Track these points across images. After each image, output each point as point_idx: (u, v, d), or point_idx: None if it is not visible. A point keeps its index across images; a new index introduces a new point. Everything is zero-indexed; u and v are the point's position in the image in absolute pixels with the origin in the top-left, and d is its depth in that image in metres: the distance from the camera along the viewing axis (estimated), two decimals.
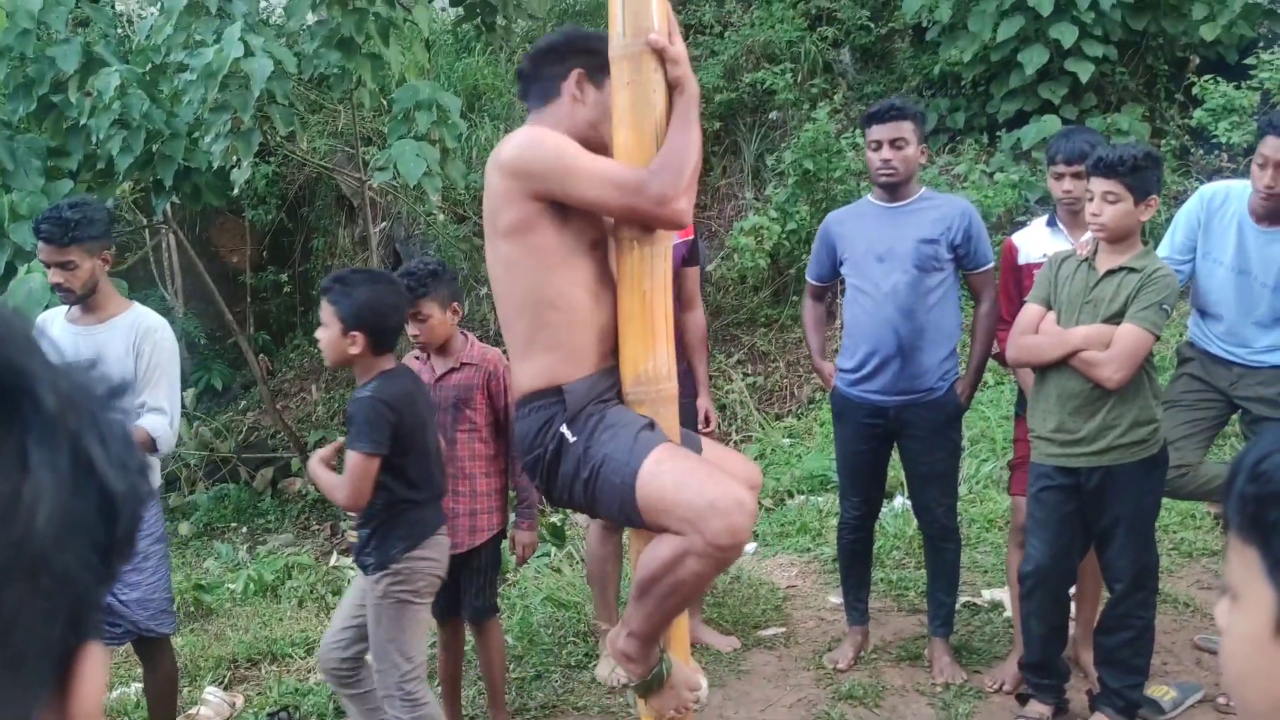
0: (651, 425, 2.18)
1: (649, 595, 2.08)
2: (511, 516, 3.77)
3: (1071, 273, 3.31)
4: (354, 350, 2.95)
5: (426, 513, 3.09)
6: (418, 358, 3.63)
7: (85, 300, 3.37)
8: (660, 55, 2.14)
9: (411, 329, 3.49)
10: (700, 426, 3.83)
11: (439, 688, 3.76)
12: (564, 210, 2.17)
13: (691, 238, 3.91)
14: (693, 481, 2.03)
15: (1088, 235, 3.36)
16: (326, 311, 2.98)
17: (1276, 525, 0.76)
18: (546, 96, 2.31)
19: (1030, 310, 3.38)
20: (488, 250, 2.29)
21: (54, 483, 0.48)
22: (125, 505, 0.57)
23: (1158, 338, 3.21)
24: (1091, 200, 3.19)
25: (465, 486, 3.54)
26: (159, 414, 3.33)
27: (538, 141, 2.17)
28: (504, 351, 2.99)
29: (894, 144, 3.66)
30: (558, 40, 2.36)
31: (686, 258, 3.91)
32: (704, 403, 4.00)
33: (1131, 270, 3.19)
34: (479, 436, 3.56)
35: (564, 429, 2.17)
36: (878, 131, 3.68)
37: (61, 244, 3.25)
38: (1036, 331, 3.33)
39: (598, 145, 2.24)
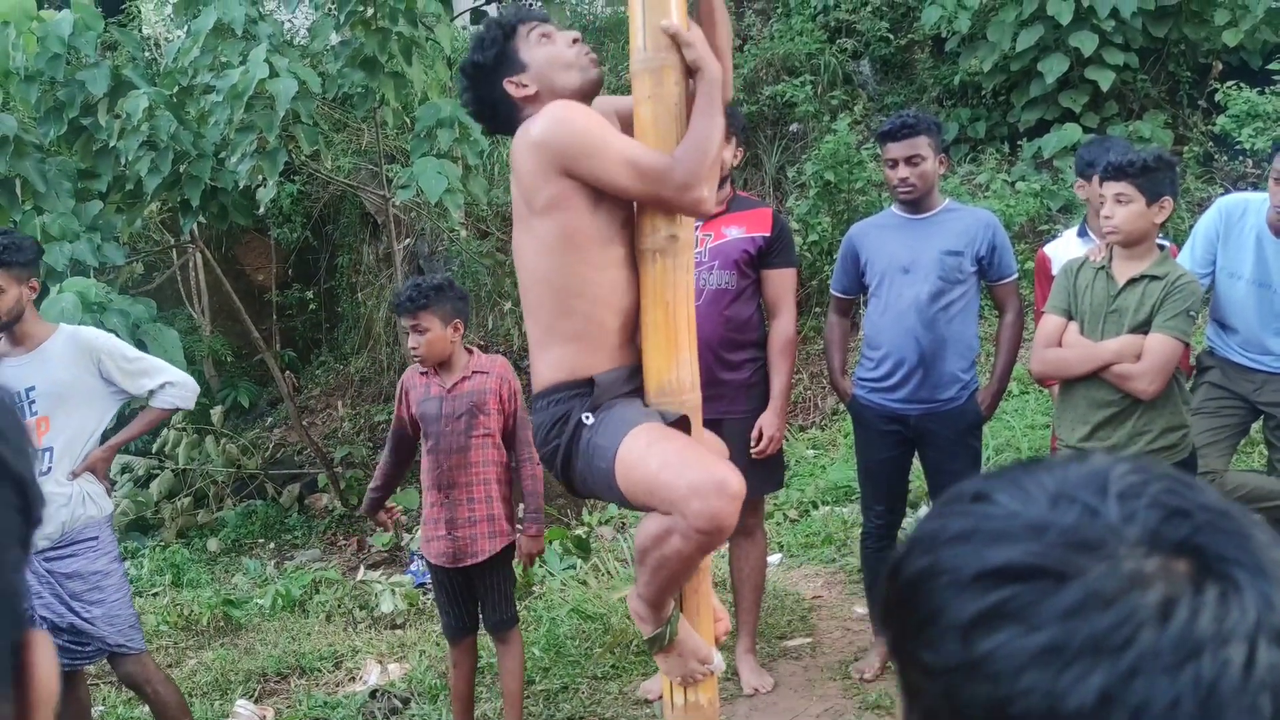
0: (650, 416, 2.16)
1: (644, 564, 2.09)
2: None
3: (1090, 281, 3.28)
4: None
5: None
6: (423, 373, 3.64)
7: (10, 329, 3.44)
8: (675, 40, 2.15)
9: (411, 341, 3.52)
10: (751, 444, 3.68)
11: (451, 706, 3.77)
12: (597, 190, 2.15)
13: (767, 234, 3.71)
14: (675, 462, 2.01)
15: (1101, 241, 3.35)
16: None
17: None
18: (511, 117, 2.29)
19: (1051, 321, 3.35)
20: (517, 234, 2.27)
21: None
22: (33, 486, 0.54)
23: (1187, 345, 3.19)
24: (1104, 204, 3.19)
25: (481, 492, 3.56)
26: (166, 388, 3.58)
27: (567, 119, 2.15)
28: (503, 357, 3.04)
29: (910, 161, 3.61)
30: (464, 86, 2.36)
31: (758, 257, 3.71)
32: (766, 419, 3.73)
33: (1154, 278, 3.17)
34: (493, 442, 3.59)
35: (585, 416, 2.17)
36: (893, 149, 3.64)
37: None
38: (1059, 343, 3.32)
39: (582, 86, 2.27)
